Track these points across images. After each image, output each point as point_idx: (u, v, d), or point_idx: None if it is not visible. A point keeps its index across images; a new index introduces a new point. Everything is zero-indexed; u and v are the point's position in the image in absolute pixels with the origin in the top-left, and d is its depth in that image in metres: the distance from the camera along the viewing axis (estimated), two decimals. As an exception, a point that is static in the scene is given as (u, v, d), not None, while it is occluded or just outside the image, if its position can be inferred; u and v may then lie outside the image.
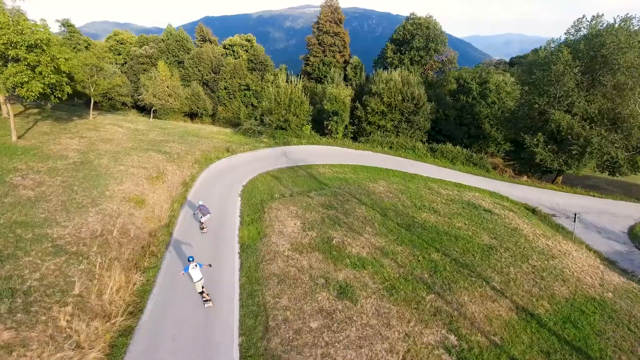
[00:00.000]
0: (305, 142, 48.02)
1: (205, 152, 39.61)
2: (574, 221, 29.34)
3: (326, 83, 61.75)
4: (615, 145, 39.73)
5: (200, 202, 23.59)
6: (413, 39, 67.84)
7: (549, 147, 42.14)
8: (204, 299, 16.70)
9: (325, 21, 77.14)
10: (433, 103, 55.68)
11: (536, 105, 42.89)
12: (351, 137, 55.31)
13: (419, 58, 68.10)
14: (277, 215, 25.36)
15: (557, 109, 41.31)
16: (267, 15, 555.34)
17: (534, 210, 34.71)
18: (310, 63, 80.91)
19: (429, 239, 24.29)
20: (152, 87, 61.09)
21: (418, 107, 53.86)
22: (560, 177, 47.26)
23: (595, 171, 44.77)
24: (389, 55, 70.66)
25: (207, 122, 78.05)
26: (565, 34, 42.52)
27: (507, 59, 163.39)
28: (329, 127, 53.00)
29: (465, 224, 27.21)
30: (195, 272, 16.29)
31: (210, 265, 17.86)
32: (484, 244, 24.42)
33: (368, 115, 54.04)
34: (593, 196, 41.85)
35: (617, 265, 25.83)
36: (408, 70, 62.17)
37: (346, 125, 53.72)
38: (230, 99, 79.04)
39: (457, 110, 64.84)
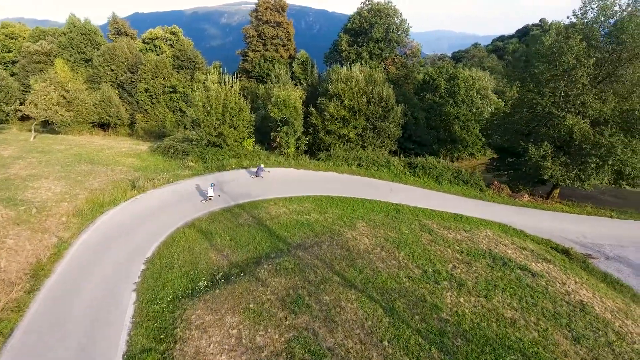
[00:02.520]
0: (247, 163, 35.79)
1: (95, 192, 26.32)
2: (651, 280, 20.13)
3: (270, 83, 49.72)
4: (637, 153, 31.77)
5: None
6: (371, 29, 57.49)
7: (561, 159, 33.45)
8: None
9: (265, 8, 64.85)
10: (402, 105, 45.73)
11: (539, 107, 34.04)
12: (306, 151, 43.89)
13: (379, 51, 57.95)
14: (200, 348, 13.24)
15: (566, 111, 32.67)
16: (201, 12, 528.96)
17: (567, 253, 25.49)
18: (249, 59, 68.29)
19: (479, 362, 13.53)
20: (35, 93, 45.53)
21: (387, 110, 43.59)
22: (558, 191, 39.08)
23: (603, 184, 36.86)
24: (343, 48, 59.82)
25: (123, 133, 62.98)
26: (570, 17, 33.93)
27: (449, 54, 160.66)
28: (278, 139, 41.23)
29: (514, 309, 16.81)
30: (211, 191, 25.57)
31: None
32: (569, 361, 14.10)
33: (326, 123, 42.88)
34: (610, 217, 33.82)
35: None
36: (368, 65, 51.79)
37: (299, 137, 42.27)
38: (153, 104, 64.40)
39: (424, 111, 55.69)
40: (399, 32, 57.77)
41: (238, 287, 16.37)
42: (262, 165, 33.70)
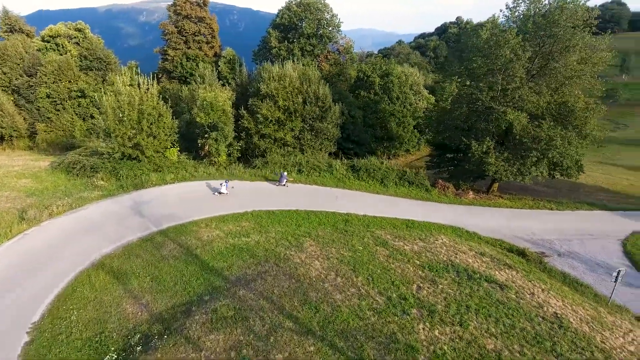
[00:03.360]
0: (171, 178, 31.05)
1: (-34, 230, 20.39)
2: (615, 280, 19.25)
3: (194, 84, 44.72)
4: (574, 145, 32.11)
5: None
6: (302, 24, 54.47)
7: (504, 155, 32.93)
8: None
9: (185, 2, 59.14)
10: (340, 104, 43.32)
11: (479, 103, 33.26)
12: (239, 159, 39.78)
13: (311, 47, 55.10)
14: None
15: (505, 106, 32.13)
16: (116, 9, 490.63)
17: (524, 254, 24.45)
18: (170, 58, 62.07)
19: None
20: None
21: (324, 110, 40.89)
22: (497, 184, 39.08)
23: (543, 177, 37.13)
24: (273, 45, 56.06)
25: (21, 147, 54.01)
26: (504, 10, 33.50)
27: (376, 51, 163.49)
28: (206, 147, 36.72)
29: (494, 335, 14.65)
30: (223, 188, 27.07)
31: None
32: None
33: (260, 126, 39.12)
34: (551, 209, 34.06)
35: None
36: (301, 62, 48.75)
37: (230, 143, 38.06)
38: (58, 111, 55.87)
39: (360, 109, 53.96)
40: (331, 28, 55.44)
41: (161, 357, 12.37)
42: (285, 173, 32.85)
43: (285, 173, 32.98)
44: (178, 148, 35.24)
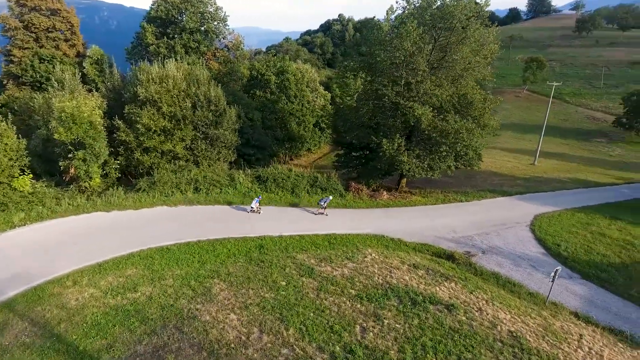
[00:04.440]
0: (21, 218, 23.35)
1: None
2: (551, 280, 18.46)
3: (51, 90, 35.93)
4: (477, 136, 32.41)
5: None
6: (182, 17, 47.92)
7: (416, 152, 31.82)
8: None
9: (30, -10, 48.16)
10: (235, 106, 38.71)
11: (386, 98, 31.64)
12: (119, 179, 32.81)
13: (196, 44, 48.89)
14: None
15: (412, 100, 30.96)
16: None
17: (453, 258, 23.10)
18: (17, 59, 50.33)
19: None
20: None
21: (218, 115, 35.92)
22: (405, 180, 38.44)
23: (451, 170, 37.16)
24: (150, 41, 48.44)
25: None
26: (398, 1, 32.21)
27: (264, 49, 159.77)
28: (72, 170, 29.28)
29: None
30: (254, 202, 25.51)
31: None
32: None
33: (142, 138, 32.69)
34: (461, 202, 34.27)
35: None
36: (185, 61, 42.74)
37: (106, 161, 31.01)
38: None
39: (258, 110, 49.79)
40: (216, 22, 49.88)
41: None
42: (330, 197, 29.04)
43: (331, 197, 29.10)
44: (30, 175, 27.24)
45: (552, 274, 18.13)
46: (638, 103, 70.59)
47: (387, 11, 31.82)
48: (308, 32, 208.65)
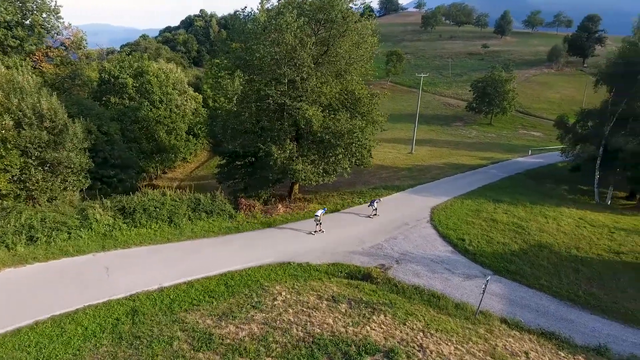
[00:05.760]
0: None
1: None
2: (482, 292, 16.92)
3: None
4: (368, 133, 30.75)
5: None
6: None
7: (311, 157, 28.61)
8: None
9: None
10: (81, 118, 30.60)
11: (270, 99, 27.70)
12: None
13: (18, 42, 37.81)
14: None
15: (299, 100, 27.67)
16: None
17: (370, 277, 20.53)
18: None
19: None
20: None
21: (57, 133, 27.63)
22: (298, 186, 35.39)
23: (348, 172, 34.97)
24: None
25: None
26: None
27: (118, 48, 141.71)
28: None
29: None
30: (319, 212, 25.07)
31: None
32: None
33: (-64, 175, 23.04)
34: (360, 204, 32.30)
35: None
36: (2, 65, 32.50)
37: None
38: None
39: (115, 121, 41.33)
40: (45, 15, 39.44)
41: None
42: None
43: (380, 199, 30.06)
44: None
45: (483, 285, 16.60)
46: (484, 90, 79.45)
47: (261, 0, 27.74)
48: (168, 29, 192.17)
